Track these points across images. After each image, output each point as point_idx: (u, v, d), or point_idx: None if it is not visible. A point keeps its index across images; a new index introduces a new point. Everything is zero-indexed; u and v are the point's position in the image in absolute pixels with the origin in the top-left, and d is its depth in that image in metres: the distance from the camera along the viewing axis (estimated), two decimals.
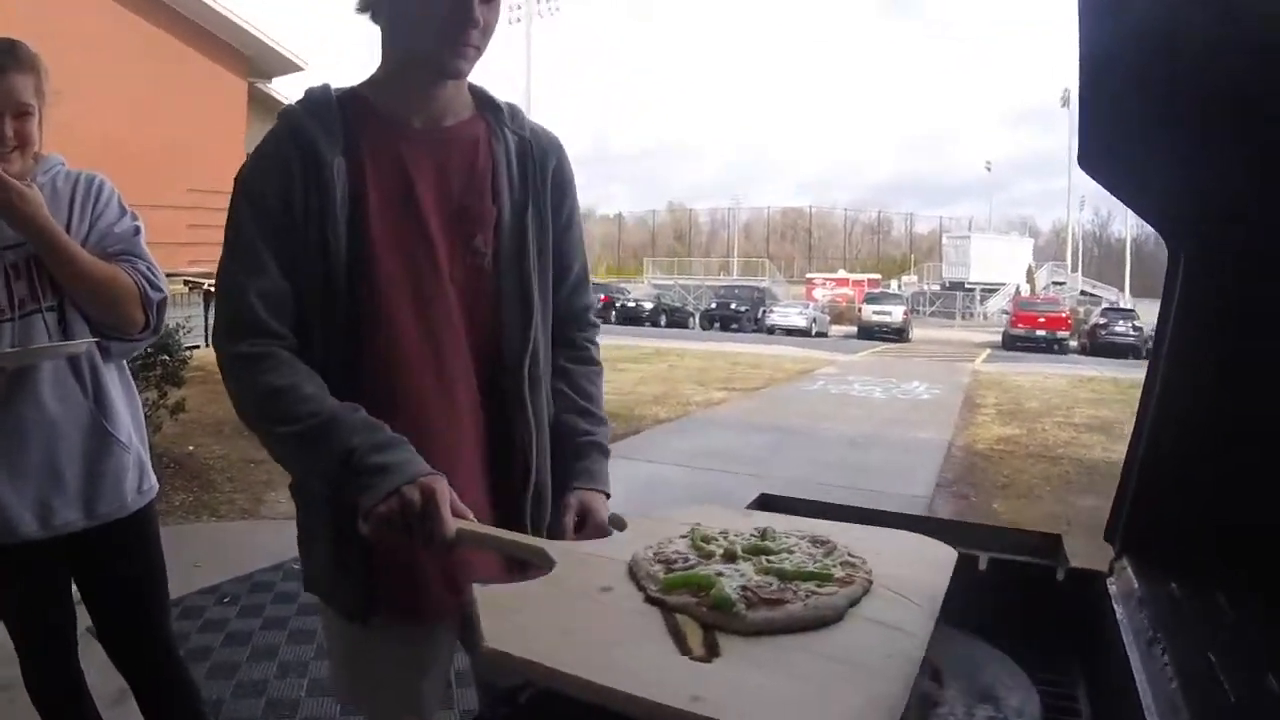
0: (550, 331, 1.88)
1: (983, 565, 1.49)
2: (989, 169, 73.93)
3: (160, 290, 2.37)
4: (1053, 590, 1.47)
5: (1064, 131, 58.44)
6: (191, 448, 8.09)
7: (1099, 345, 31.79)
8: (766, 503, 2.29)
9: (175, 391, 6.94)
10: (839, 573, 1.24)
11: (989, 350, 31.15)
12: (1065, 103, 53.93)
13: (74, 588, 2.52)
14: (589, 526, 1.76)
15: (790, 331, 36.13)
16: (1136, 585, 1.36)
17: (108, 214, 2.38)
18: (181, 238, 19.23)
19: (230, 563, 5.23)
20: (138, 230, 2.42)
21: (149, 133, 17.69)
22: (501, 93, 1.85)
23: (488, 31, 1.66)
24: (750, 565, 1.27)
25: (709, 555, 1.30)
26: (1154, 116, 1.15)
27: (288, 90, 24.76)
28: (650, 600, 1.19)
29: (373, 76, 1.76)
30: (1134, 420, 1.49)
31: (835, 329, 40.42)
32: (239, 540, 5.82)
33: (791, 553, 1.32)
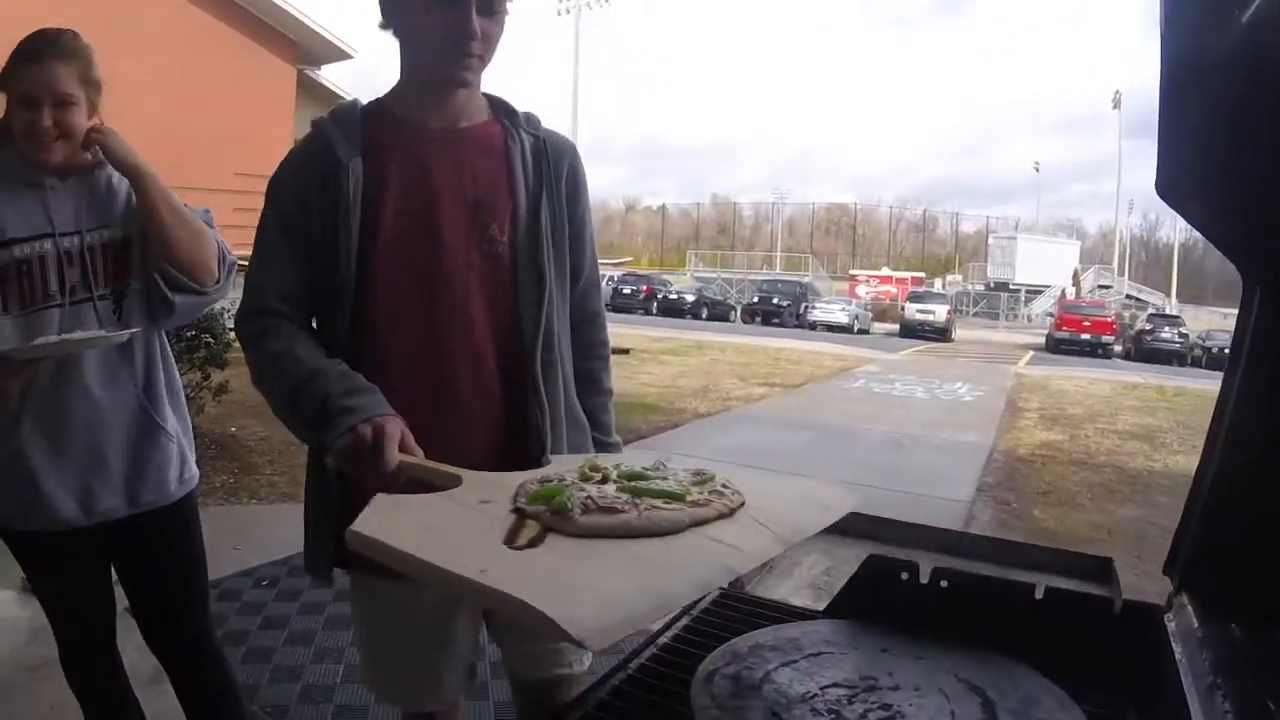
0: (567, 322, 1.99)
1: (1039, 594, 1.46)
2: (1037, 169, 73.32)
3: (230, 255, 2.46)
4: (1109, 623, 1.44)
5: (1114, 134, 57.86)
6: (234, 429, 8.15)
7: (1144, 351, 31.45)
8: None
9: (218, 373, 7.00)
10: (696, 495, 1.29)
11: (1032, 353, 30.87)
12: (1116, 104, 53.35)
13: (113, 571, 2.53)
14: None
15: (832, 328, 35.93)
16: (1196, 625, 1.32)
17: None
18: (228, 220, 19.42)
19: (269, 546, 5.25)
20: (208, 212, 2.49)
21: (199, 119, 17.87)
22: (548, 85, 2.01)
23: (490, 40, 1.79)
24: (613, 486, 1.32)
25: (588, 479, 1.35)
26: (1237, 145, 1.11)
27: (336, 78, 24.94)
28: (515, 510, 1.26)
29: (395, 87, 1.92)
30: (1201, 450, 1.45)
31: (877, 326, 40.22)
32: (278, 523, 5.84)
33: (664, 479, 1.35)
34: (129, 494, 2.37)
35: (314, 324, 1.87)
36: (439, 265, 1.81)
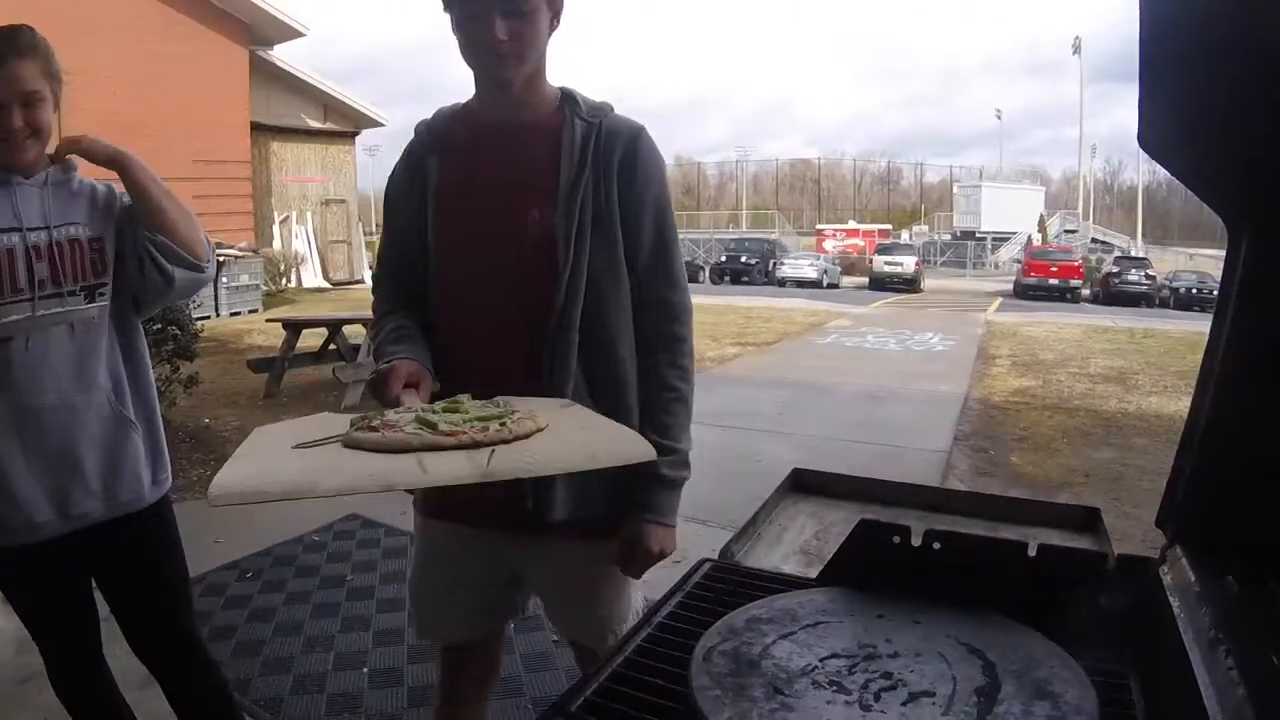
0: (617, 310, 2.05)
1: (1032, 552, 1.45)
2: (999, 117, 73.28)
3: (210, 240, 2.52)
4: (1103, 578, 1.43)
5: (1075, 80, 57.92)
6: (207, 420, 8.09)
7: (1112, 294, 31.63)
8: (799, 480, 2.26)
9: (187, 365, 6.93)
10: (447, 428, 1.48)
11: (1001, 300, 31.02)
12: (1076, 50, 53.38)
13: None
14: (637, 556, 2.07)
15: (801, 284, 35.97)
16: (1193, 578, 1.32)
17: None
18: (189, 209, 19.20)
19: (251, 538, 5.23)
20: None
21: (152, 107, 17.67)
22: None
23: (523, 38, 1.91)
24: (412, 416, 1.55)
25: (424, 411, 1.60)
26: (1219, 92, 1.09)
27: (289, 56, 24.66)
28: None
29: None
30: (1191, 399, 1.44)
31: (847, 280, 40.24)
32: (257, 514, 5.79)
33: (454, 414, 1.57)
34: (106, 496, 2.35)
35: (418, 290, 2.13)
36: (476, 250, 2.03)
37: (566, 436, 1.53)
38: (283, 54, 24.97)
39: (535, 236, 1.98)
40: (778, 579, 1.65)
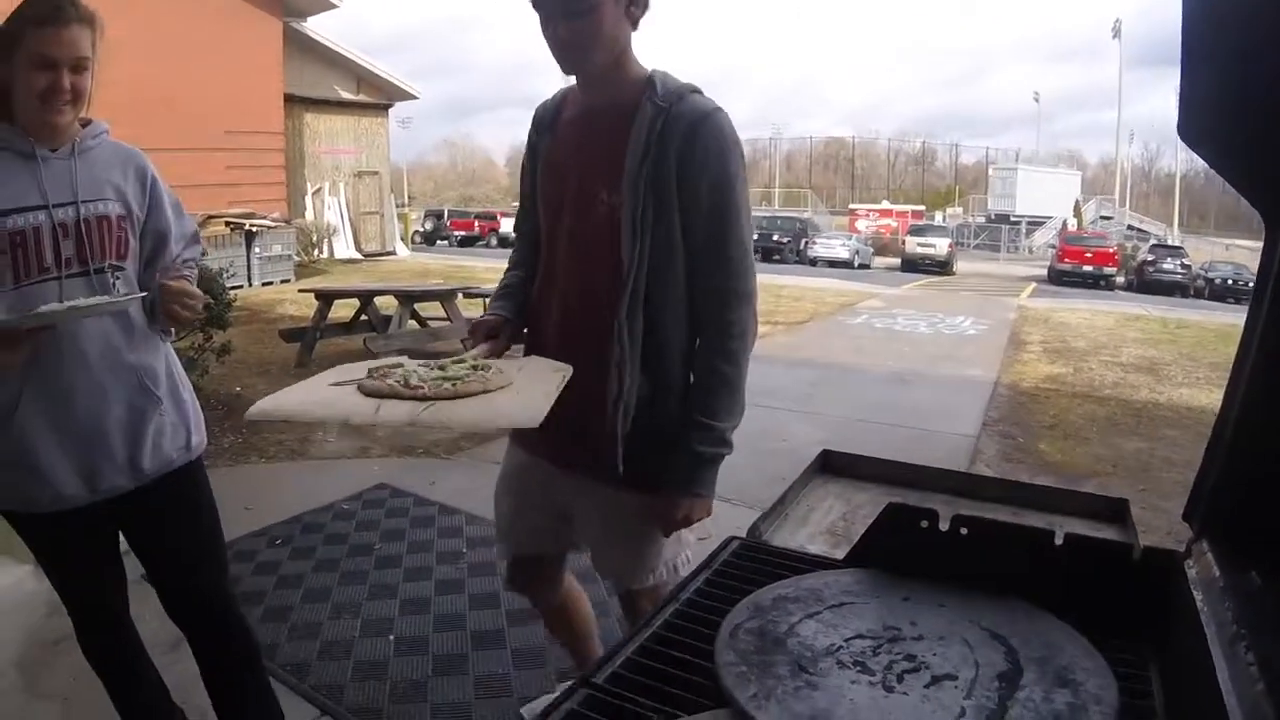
0: (672, 287, 2.18)
1: (1059, 540, 1.46)
2: (1037, 100, 72.41)
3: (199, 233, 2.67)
4: (1129, 569, 1.44)
5: (1113, 63, 57.19)
6: (238, 389, 8.15)
7: (1146, 282, 31.32)
8: (828, 461, 2.28)
9: (220, 334, 6.98)
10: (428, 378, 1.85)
11: (1034, 285, 30.75)
12: (1116, 34, 52.56)
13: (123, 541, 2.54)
14: (667, 519, 2.27)
15: (833, 263, 35.82)
16: (1217, 572, 1.32)
17: (164, 204, 2.48)
18: (221, 179, 19.29)
19: (279, 505, 5.29)
20: (197, 236, 2.67)
21: (186, 79, 17.73)
22: (532, 27, 2.13)
23: (583, 35, 2.07)
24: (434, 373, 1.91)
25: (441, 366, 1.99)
26: (1261, 87, 1.09)
27: (322, 29, 24.70)
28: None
29: None
30: (1223, 396, 1.44)
31: (878, 261, 40.05)
32: (287, 482, 5.88)
33: (443, 369, 1.95)
34: (133, 469, 2.37)
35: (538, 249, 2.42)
36: (560, 224, 2.28)
37: (495, 399, 1.79)
38: (316, 26, 25.01)
39: (602, 217, 2.15)
40: (805, 559, 1.67)
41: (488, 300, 2.36)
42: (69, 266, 2.22)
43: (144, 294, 2.33)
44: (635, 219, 2.10)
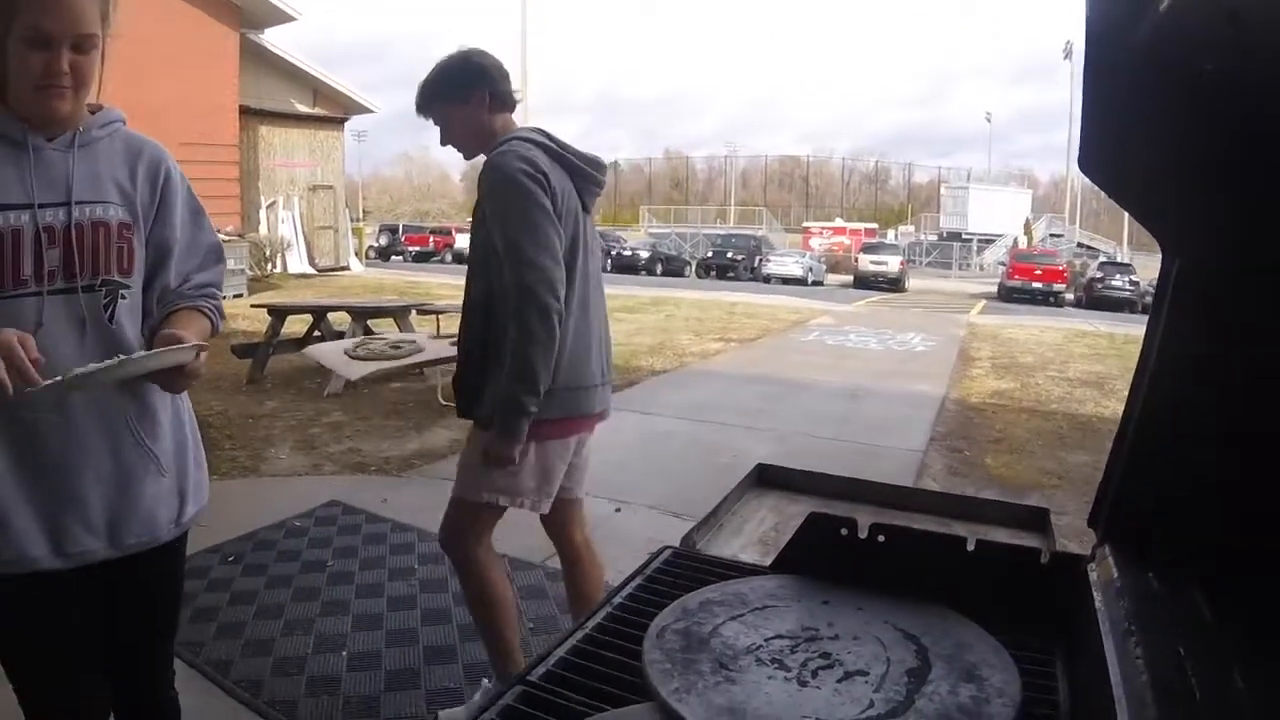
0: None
1: (970, 546, 1.54)
2: (989, 120, 73.54)
3: (222, 312, 2.18)
4: (1037, 573, 1.53)
5: (1065, 84, 58.00)
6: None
7: (1095, 299, 31.78)
8: (763, 474, 2.35)
9: None
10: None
11: (985, 302, 31.14)
12: (1067, 55, 53.33)
13: None
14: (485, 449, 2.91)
15: (787, 280, 36.16)
16: (1116, 575, 1.41)
17: (174, 208, 2.08)
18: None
19: (232, 522, 5.28)
20: (219, 253, 2.21)
21: (141, 89, 17.47)
22: (495, 40, 2.23)
23: (448, 142, 3.06)
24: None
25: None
26: (1155, 126, 1.18)
27: (280, 41, 24.61)
28: None
29: None
30: (1124, 404, 1.53)
31: (831, 278, 40.39)
32: (240, 498, 5.87)
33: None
34: (111, 534, 1.96)
35: None
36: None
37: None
38: (274, 38, 24.94)
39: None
40: (733, 566, 1.74)
41: (441, 316, 2.41)
42: (52, 280, 1.84)
43: (203, 345, 1.91)
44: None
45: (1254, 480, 1.27)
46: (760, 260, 38.84)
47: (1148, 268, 40.26)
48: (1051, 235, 55.60)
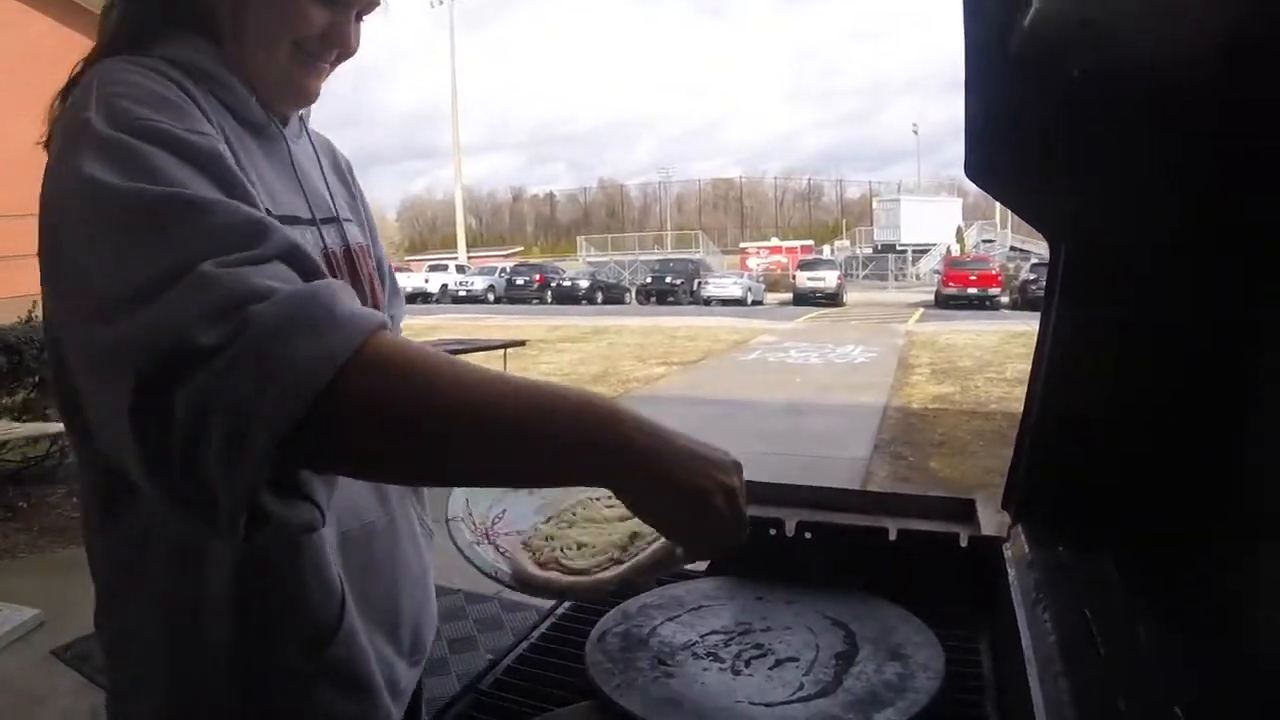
0: None
1: (892, 535, 1.62)
2: (916, 132, 74.78)
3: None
4: (957, 556, 1.60)
5: None
6: None
7: (1030, 300, 32.19)
8: None
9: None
10: None
11: (922, 310, 31.61)
12: None
13: None
14: None
15: (726, 302, 36.46)
16: (1028, 550, 1.49)
17: (376, 229, 1.55)
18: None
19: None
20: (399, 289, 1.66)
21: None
22: (425, 79, 2.20)
23: None
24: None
25: None
26: (1034, 129, 1.26)
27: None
28: None
29: None
30: (1025, 393, 1.63)
31: (770, 297, 40.80)
32: None
33: None
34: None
35: None
36: None
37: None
38: None
39: None
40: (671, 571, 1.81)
41: None
42: None
43: None
44: None
45: (1150, 451, 1.36)
46: (699, 283, 39.12)
47: None
48: (984, 241, 56.56)
